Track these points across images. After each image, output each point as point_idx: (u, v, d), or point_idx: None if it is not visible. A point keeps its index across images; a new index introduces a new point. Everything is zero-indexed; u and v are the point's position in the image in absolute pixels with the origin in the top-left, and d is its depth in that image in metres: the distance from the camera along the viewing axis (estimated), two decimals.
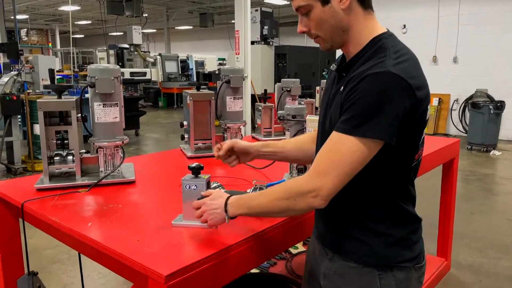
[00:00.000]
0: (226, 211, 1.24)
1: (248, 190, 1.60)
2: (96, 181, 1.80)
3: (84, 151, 1.94)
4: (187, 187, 1.35)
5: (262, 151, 1.54)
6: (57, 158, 1.86)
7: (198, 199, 1.30)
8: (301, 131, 1.92)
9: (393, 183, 1.23)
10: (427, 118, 1.22)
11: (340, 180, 1.14)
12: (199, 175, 1.37)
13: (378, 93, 1.11)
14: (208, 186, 1.38)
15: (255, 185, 1.57)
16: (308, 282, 1.46)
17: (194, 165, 1.36)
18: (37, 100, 1.78)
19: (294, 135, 1.92)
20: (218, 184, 1.59)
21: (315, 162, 1.18)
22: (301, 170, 1.86)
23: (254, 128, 2.97)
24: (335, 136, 1.16)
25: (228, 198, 1.26)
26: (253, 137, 2.87)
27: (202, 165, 1.37)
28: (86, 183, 1.79)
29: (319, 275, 1.35)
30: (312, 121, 1.82)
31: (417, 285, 1.28)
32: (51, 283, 3.02)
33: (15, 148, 5.72)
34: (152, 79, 12.63)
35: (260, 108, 2.79)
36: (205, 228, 1.33)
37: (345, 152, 1.13)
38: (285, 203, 1.19)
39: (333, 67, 1.33)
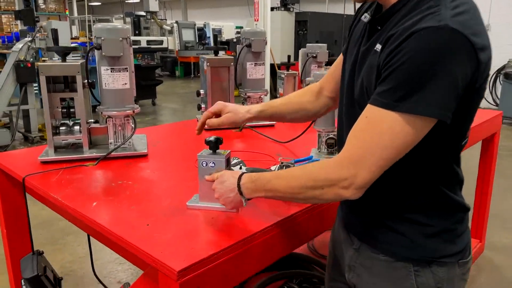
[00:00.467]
0: (241, 193, 1.06)
1: (272, 167, 1.42)
2: (105, 154, 1.64)
3: (92, 120, 1.78)
4: (204, 164, 1.17)
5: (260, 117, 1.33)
6: (63, 128, 1.70)
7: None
8: None
9: (438, 166, 1.01)
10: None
11: (378, 167, 0.91)
12: (217, 151, 1.18)
13: (431, 55, 0.85)
14: (228, 163, 1.19)
15: (281, 162, 1.39)
16: (332, 274, 1.28)
17: (211, 138, 1.17)
18: (38, 64, 1.61)
19: None
20: (239, 160, 1.41)
21: (347, 145, 0.95)
22: (331, 145, 1.67)
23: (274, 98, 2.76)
24: (371, 111, 0.92)
25: (239, 177, 1.08)
26: None
27: (221, 139, 1.18)
28: (94, 156, 1.64)
29: (343, 267, 1.17)
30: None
31: (461, 283, 1.07)
32: (65, 255, 2.95)
33: (31, 117, 5.64)
34: (169, 48, 12.37)
35: (282, 76, 2.57)
36: (224, 211, 1.16)
37: (386, 132, 0.90)
38: (310, 193, 0.98)
39: (365, 17, 1.05)
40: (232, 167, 1.33)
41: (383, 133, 0.90)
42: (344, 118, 1.10)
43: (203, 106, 2.22)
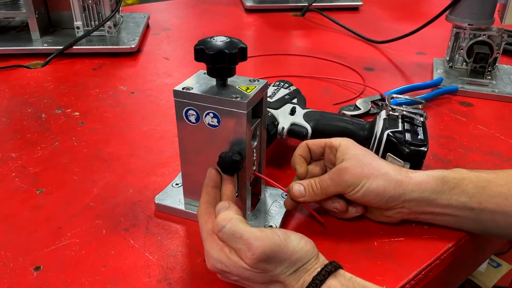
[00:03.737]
0: None
1: (381, 115, 0.67)
2: (61, 48, 0.94)
3: None
4: (190, 118, 0.44)
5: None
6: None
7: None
8: None
9: None
10: None
11: None
12: (230, 79, 0.44)
13: None
14: (257, 120, 0.46)
15: (391, 108, 0.60)
16: None
17: (220, 40, 0.42)
18: None
19: None
20: (291, 90, 0.65)
21: None
22: (483, 59, 0.84)
23: None
24: None
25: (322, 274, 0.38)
26: None
27: (243, 47, 0.43)
28: (45, 50, 0.95)
29: None
30: None
31: None
32: None
33: None
34: None
35: None
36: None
37: None
38: None
39: None
40: (275, 121, 0.59)
41: None
42: None
43: None
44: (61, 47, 0.94)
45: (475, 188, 0.45)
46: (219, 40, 0.42)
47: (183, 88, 0.44)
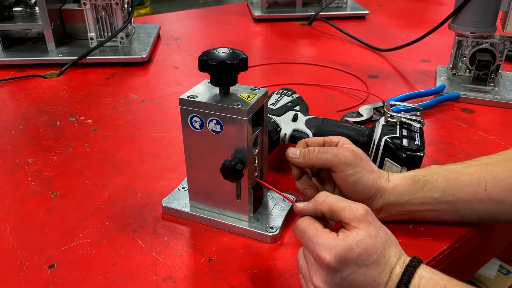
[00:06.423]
0: None
1: (381, 121, 0.69)
2: (76, 58, 0.98)
3: None
4: (194, 124, 0.47)
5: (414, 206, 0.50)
6: (19, 9, 1.04)
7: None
8: None
9: None
10: None
11: None
12: (233, 88, 0.47)
13: None
14: (257, 126, 0.48)
15: (389, 115, 0.62)
16: None
17: (224, 51, 0.45)
18: None
19: None
20: (293, 98, 0.67)
21: None
22: (485, 66, 0.86)
23: None
24: None
25: (408, 269, 0.38)
26: None
27: (243, 58, 0.45)
28: (60, 60, 0.99)
29: None
30: None
31: None
32: None
33: None
34: None
35: None
36: (248, 235, 0.49)
37: None
38: None
39: None
40: (277, 127, 0.62)
41: None
42: None
43: None
44: (75, 58, 0.98)
45: (446, 182, 0.47)
46: (222, 52, 0.45)
47: (188, 97, 0.46)
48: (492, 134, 0.72)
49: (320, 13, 1.34)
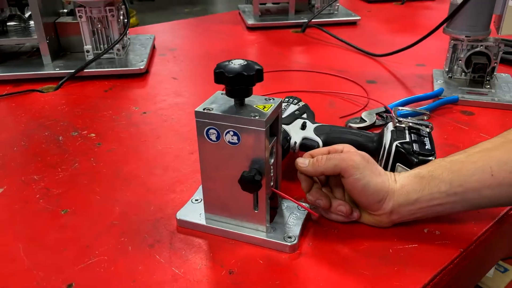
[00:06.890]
0: None
1: (389, 126, 0.70)
2: (73, 71, 0.97)
3: (65, 11, 1.10)
4: (210, 136, 0.47)
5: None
6: (13, 23, 1.03)
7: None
8: None
9: None
10: None
11: None
12: (248, 99, 0.47)
13: None
14: (273, 136, 0.48)
15: (398, 121, 0.63)
16: None
17: (238, 63, 0.45)
18: None
19: None
20: (300, 105, 0.68)
21: None
22: (480, 69, 0.87)
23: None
24: None
25: None
26: None
27: (259, 68, 0.46)
28: (56, 74, 0.98)
29: None
30: None
31: None
32: None
33: None
34: None
35: None
36: (276, 248, 0.49)
37: None
38: None
39: None
40: (288, 135, 0.62)
41: None
42: None
43: None
44: (72, 71, 0.97)
45: (451, 174, 0.48)
46: (237, 63, 0.45)
47: (204, 109, 0.46)
48: (493, 135, 0.72)
49: (313, 20, 1.35)
